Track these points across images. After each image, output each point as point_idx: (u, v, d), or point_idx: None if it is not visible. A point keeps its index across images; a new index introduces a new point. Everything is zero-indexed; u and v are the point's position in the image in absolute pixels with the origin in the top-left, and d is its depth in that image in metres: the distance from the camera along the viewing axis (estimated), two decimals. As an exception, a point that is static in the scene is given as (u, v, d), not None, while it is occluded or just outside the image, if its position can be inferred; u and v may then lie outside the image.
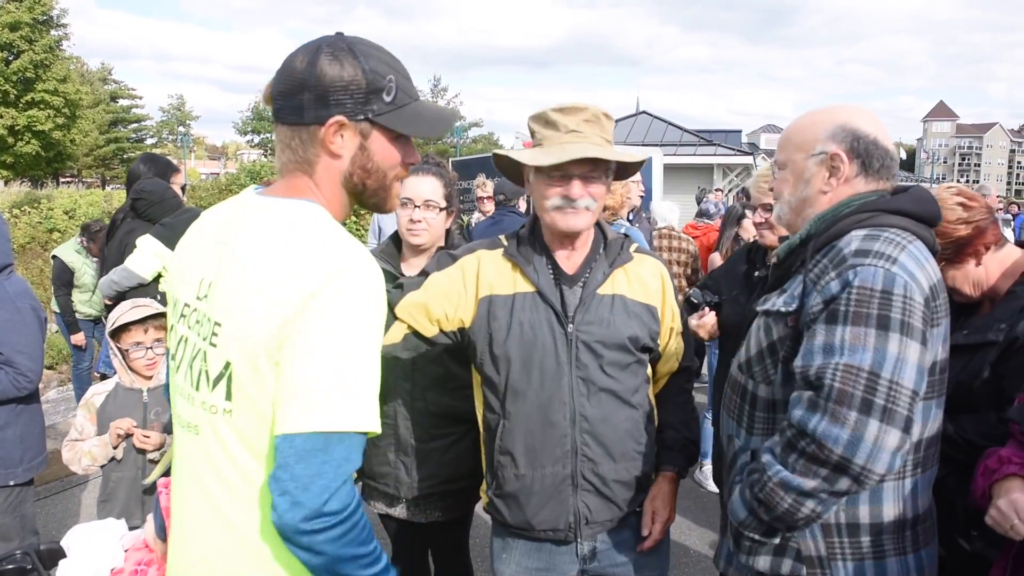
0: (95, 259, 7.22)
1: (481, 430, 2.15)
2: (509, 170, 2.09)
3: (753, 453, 1.68)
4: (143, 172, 4.43)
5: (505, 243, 2.10)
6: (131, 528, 2.22)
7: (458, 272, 2.07)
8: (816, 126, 1.72)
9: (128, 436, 2.83)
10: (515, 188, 5.04)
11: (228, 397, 1.27)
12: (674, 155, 18.49)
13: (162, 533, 1.82)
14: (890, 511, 1.60)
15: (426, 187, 2.52)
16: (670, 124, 23.09)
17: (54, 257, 7.07)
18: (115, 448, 2.84)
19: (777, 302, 1.69)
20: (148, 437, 2.83)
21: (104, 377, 4.30)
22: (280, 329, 1.19)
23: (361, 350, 1.20)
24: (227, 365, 1.26)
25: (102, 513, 2.80)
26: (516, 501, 2.02)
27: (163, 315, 2.96)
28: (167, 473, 2.09)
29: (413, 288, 2.10)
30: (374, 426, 1.21)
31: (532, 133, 2.01)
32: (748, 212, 4.22)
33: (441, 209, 2.56)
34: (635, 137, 21.60)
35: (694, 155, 20.83)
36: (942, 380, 1.65)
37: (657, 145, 18.16)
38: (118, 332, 2.91)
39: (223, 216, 1.42)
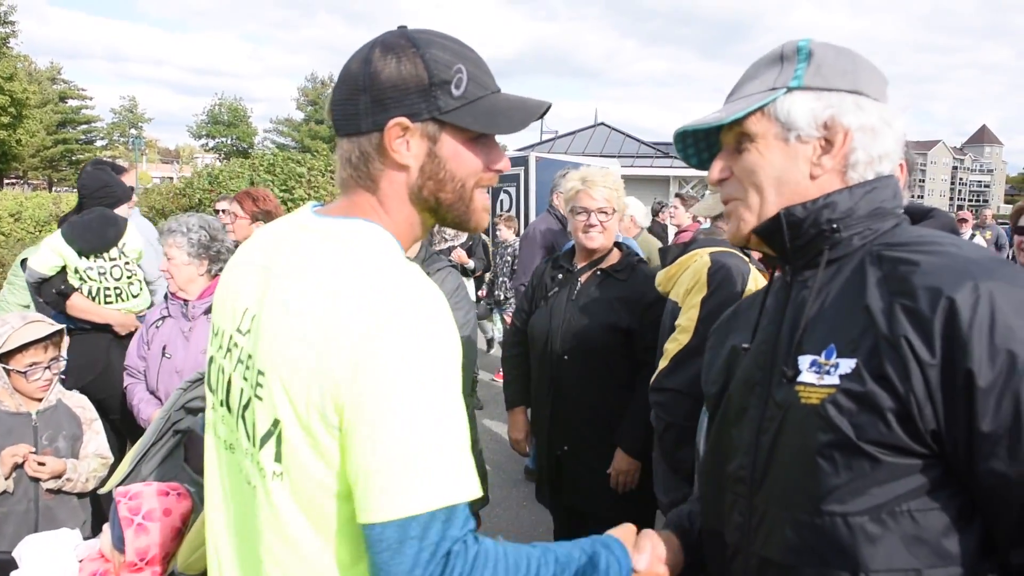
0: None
1: None
2: None
3: None
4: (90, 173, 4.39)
5: (735, 251, 2.12)
6: (85, 538, 2.19)
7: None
8: None
9: (21, 465, 2.56)
10: None
11: (278, 459, 1.05)
12: (631, 167, 18.73)
13: (119, 543, 1.80)
14: None
15: None
16: (628, 136, 23.35)
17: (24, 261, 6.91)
18: (6, 479, 2.55)
19: None
20: (43, 464, 2.56)
21: None
22: (334, 388, 0.99)
23: (436, 409, 0.98)
24: (276, 423, 1.05)
25: None
26: None
27: (59, 332, 2.76)
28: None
29: None
30: (471, 492, 0.98)
31: None
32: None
33: None
34: (593, 148, 21.83)
35: (651, 167, 21.08)
36: None
37: (615, 157, 18.43)
38: (9, 352, 2.62)
39: (274, 235, 1.21)
